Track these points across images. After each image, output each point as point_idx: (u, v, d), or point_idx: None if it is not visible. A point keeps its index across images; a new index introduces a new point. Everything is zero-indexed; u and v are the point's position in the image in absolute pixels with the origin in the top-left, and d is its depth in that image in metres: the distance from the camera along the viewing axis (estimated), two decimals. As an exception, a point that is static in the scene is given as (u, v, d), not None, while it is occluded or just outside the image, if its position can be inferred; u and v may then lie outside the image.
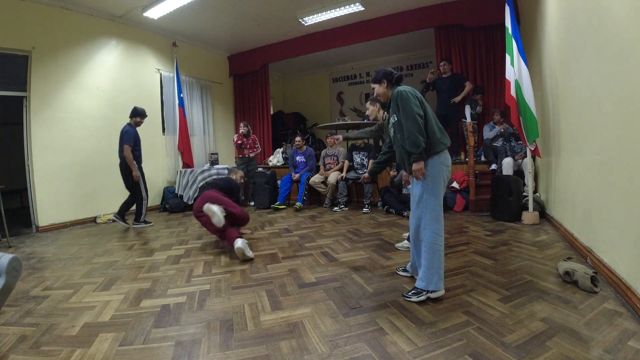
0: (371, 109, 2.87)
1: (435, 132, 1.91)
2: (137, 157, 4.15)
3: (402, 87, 1.95)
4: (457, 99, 4.78)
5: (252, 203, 5.49)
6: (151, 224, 4.37)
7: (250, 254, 2.70)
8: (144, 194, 4.22)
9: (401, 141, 1.98)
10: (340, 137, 3.20)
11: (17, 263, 0.57)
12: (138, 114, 4.19)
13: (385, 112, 2.50)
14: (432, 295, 1.84)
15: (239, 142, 5.43)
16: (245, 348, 1.47)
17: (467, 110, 4.68)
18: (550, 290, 1.90)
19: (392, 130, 2.11)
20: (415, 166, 1.88)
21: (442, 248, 1.88)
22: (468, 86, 4.81)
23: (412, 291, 1.89)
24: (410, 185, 2.13)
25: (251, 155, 5.59)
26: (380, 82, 2.12)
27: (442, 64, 4.98)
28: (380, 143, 4.79)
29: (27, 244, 3.60)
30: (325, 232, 3.57)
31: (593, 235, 2.26)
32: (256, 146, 5.68)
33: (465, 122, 4.74)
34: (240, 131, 5.50)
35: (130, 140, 4.03)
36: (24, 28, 4.05)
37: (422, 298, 1.84)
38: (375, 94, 2.21)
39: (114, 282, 2.35)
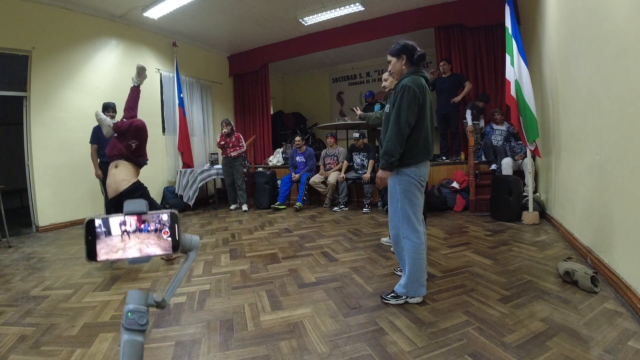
0: (390, 80, 2.48)
1: (418, 144, 1.77)
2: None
3: (413, 82, 1.74)
4: (457, 99, 4.77)
5: (232, 206, 5.31)
6: None
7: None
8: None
9: (383, 135, 1.89)
10: (359, 112, 3.15)
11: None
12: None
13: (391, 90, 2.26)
14: (411, 301, 1.83)
15: (222, 142, 5.15)
16: (245, 348, 1.47)
17: (469, 115, 4.69)
18: (550, 290, 1.90)
19: (384, 117, 1.98)
20: (380, 173, 1.81)
21: (424, 256, 1.84)
22: (468, 86, 4.81)
23: (392, 294, 1.88)
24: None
25: (232, 154, 5.13)
26: (399, 56, 1.84)
27: (441, 63, 4.97)
28: (377, 143, 4.79)
29: (27, 244, 3.60)
30: (325, 232, 3.57)
31: (593, 235, 2.26)
32: (240, 144, 5.20)
33: (466, 123, 4.74)
34: (223, 131, 5.16)
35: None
36: (24, 28, 4.05)
37: (400, 302, 1.83)
38: (390, 69, 1.95)
39: (114, 282, 2.35)
